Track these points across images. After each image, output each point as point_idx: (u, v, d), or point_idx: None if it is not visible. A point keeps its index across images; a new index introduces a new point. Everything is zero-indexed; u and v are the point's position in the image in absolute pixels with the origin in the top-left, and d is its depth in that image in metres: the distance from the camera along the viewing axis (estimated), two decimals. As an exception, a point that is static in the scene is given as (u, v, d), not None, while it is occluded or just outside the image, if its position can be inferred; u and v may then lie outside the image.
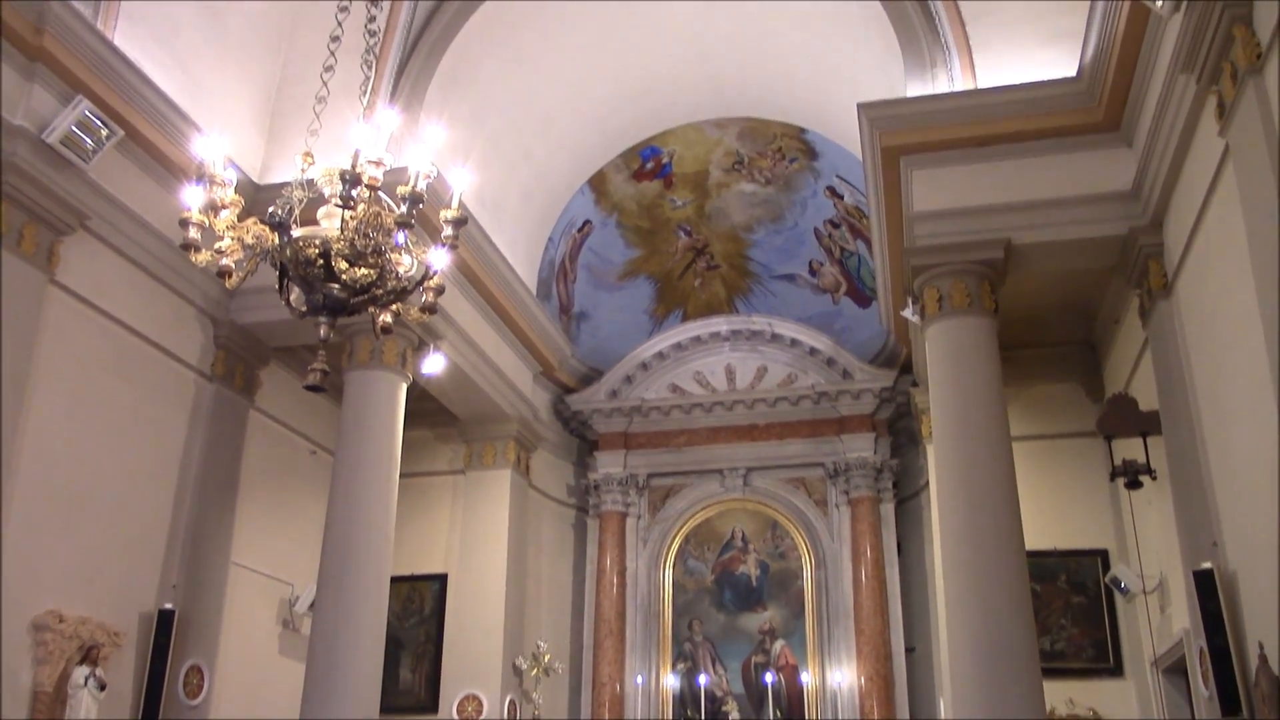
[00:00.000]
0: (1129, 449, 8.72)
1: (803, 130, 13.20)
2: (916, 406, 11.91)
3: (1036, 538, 9.25)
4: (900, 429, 13.26)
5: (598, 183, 13.85)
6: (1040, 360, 10.79)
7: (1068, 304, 10.07)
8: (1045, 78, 8.58)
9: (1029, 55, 8.90)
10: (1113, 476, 8.78)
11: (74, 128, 8.08)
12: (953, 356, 8.56)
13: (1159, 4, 6.39)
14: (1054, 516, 10.44)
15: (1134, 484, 8.63)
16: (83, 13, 8.28)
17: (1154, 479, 8.48)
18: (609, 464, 13.71)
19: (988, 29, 9.08)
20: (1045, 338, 10.64)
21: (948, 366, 8.57)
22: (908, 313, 9.32)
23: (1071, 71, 8.42)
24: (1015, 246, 8.51)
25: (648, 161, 13.95)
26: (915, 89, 9.21)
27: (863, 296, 14.14)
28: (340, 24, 5.34)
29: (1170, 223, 7.84)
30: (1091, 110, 8.30)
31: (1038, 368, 10.79)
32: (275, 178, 10.18)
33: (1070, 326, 10.53)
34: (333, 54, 5.29)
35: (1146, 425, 8.52)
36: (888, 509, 12.86)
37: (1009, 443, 8.25)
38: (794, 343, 13.56)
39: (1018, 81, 8.65)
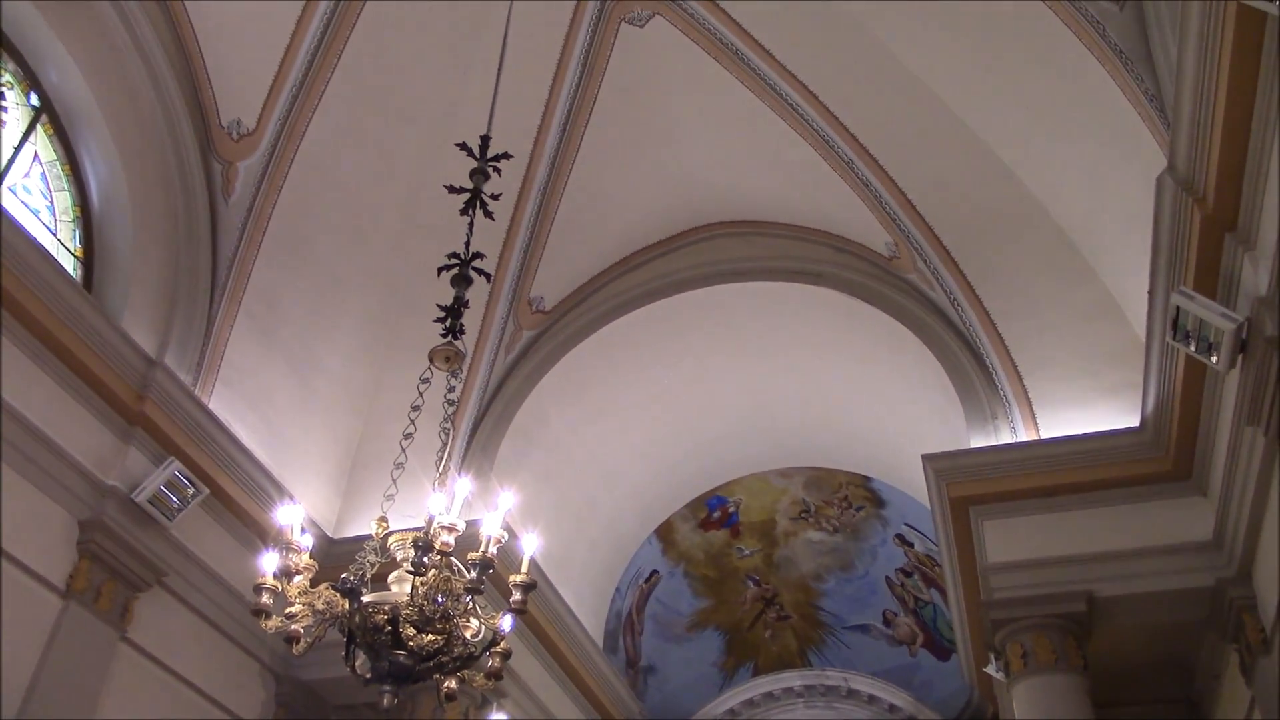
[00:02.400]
0: (1251, 825, 7.92)
1: (868, 479, 13.29)
2: (1009, 771, 11.05)
3: None
4: (994, 796, 12.25)
5: (665, 532, 13.88)
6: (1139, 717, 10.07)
7: (1163, 659, 9.50)
8: (1108, 428, 8.64)
9: (1089, 405, 9.02)
10: None
11: (162, 487, 8.41)
12: (1043, 717, 8.05)
13: (1214, 360, 6.51)
14: None
15: None
16: (183, 380, 8.88)
17: None
18: (679, 835, 12.77)
19: (1045, 382, 9.30)
20: (1142, 695, 9.95)
21: (1040, 728, 8.05)
22: (991, 669, 8.89)
23: (1134, 421, 8.48)
24: (1098, 599, 8.21)
25: (714, 511, 14.04)
26: (978, 440, 9.32)
27: (941, 648, 13.56)
28: (421, 394, 5.62)
29: (1259, 574, 7.54)
30: (1160, 460, 8.27)
31: (1137, 728, 10.06)
32: (350, 531, 10.37)
33: (1168, 683, 9.87)
34: (412, 422, 5.54)
35: (1267, 798, 7.76)
36: None
37: (1115, 817, 7.57)
38: (872, 699, 12.92)
39: (1081, 432, 8.72)
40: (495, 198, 6.19)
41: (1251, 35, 5.40)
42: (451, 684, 4.81)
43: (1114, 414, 8.78)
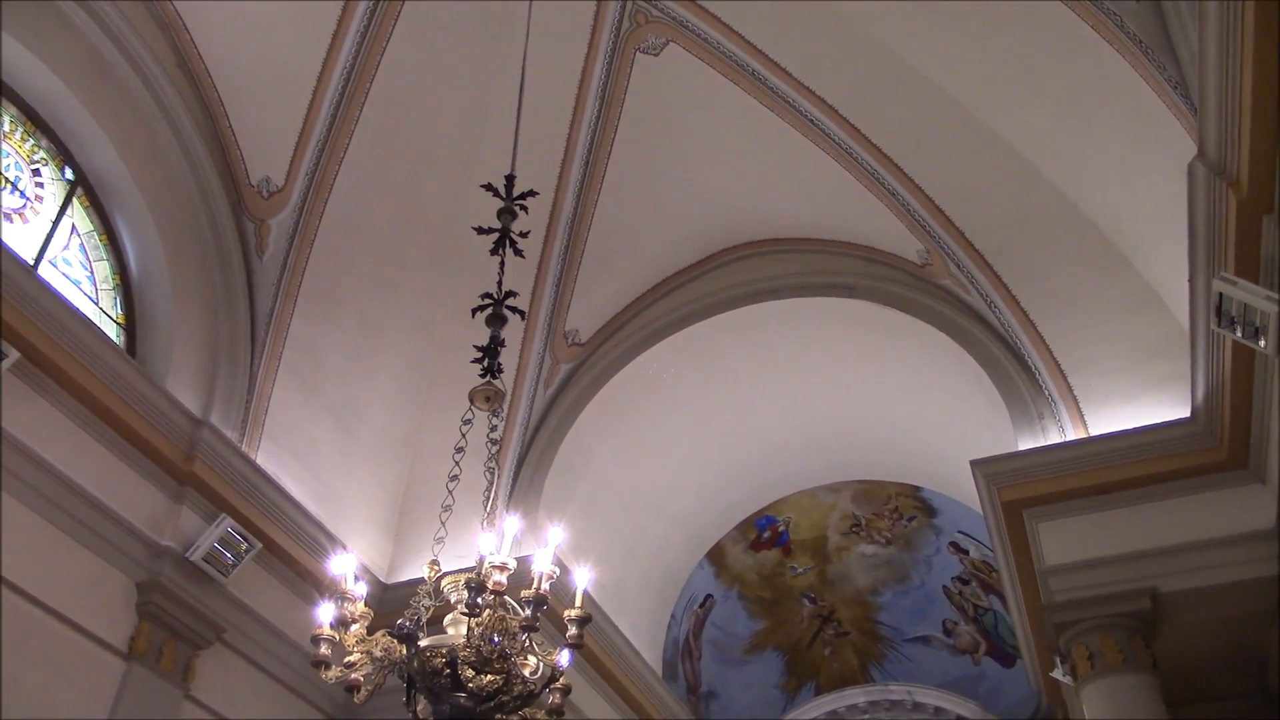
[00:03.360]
0: (1340, 817, 7.70)
1: (918, 488, 13.15)
2: (1084, 776, 10.83)
3: None
4: (1070, 803, 12.01)
5: (716, 556, 13.80)
6: (1215, 718, 9.83)
7: (1234, 652, 9.27)
8: (1158, 421, 8.50)
9: (1137, 399, 8.88)
10: None
11: (216, 544, 8.48)
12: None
13: (1262, 344, 6.39)
14: None
15: None
16: (230, 438, 8.98)
17: None
18: None
19: (1090, 378, 9.16)
20: (1215, 690, 9.71)
21: (1112, 731, 7.89)
22: (1058, 674, 8.72)
23: (1184, 412, 8.33)
24: (1162, 595, 8.04)
25: (764, 531, 13.94)
26: (1026, 442, 9.19)
27: (1005, 655, 13.33)
28: (464, 435, 5.63)
29: (1326, 559, 7.38)
30: (1214, 450, 8.11)
31: (1212, 726, 9.82)
32: (402, 576, 10.40)
33: (1241, 677, 9.62)
34: (457, 464, 5.56)
35: (1354, 789, 7.56)
36: None
37: (1198, 818, 7.39)
38: (938, 711, 12.72)
39: (1131, 427, 8.58)
40: (524, 235, 6.22)
41: (1273, 12, 5.33)
42: (514, 722, 4.79)
43: (1163, 406, 8.62)
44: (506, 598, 4.53)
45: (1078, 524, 8.50)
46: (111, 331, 8.80)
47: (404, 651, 4.49)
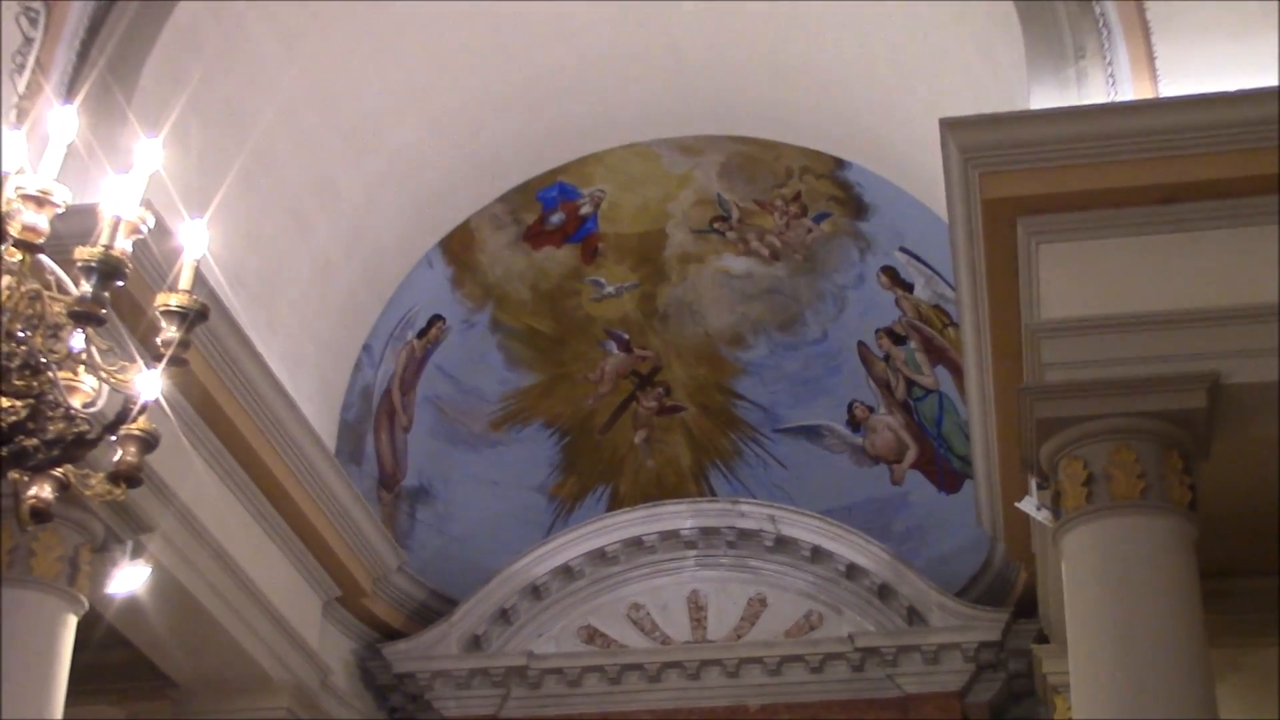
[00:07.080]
0: None
1: (840, 164, 13.49)
2: (1045, 679, 11.89)
3: None
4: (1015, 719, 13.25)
5: (458, 247, 13.98)
6: (1274, 599, 10.86)
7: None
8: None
9: (1252, 40, 9.16)
10: None
11: None
12: (1115, 588, 8.53)
13: None
14: None
15: None
16: None
17: None
18: (463, 778, 13.56)
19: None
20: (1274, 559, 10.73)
21: (1106, 606, 8.54)
22: (1029, 505, 9.35)
23: (1317, 75, 8.72)
24: (1227, 388, 8.60)
25: (553, 210, 14.16)
26: (1045, 98, 9.45)
27: (948, 472, 14.21)
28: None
29: None
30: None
31: (1271, 612, 10.84)
32: None
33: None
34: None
35: None
36: None
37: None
38: (818, 553, 13.53)
39: (1230, 89, 8.88)
40: None
41: None
42: (44, 491, 4.83)
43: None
44: (46, 257, 4.48)
45: (1105, 252, 8.94)
46: None
47: None
